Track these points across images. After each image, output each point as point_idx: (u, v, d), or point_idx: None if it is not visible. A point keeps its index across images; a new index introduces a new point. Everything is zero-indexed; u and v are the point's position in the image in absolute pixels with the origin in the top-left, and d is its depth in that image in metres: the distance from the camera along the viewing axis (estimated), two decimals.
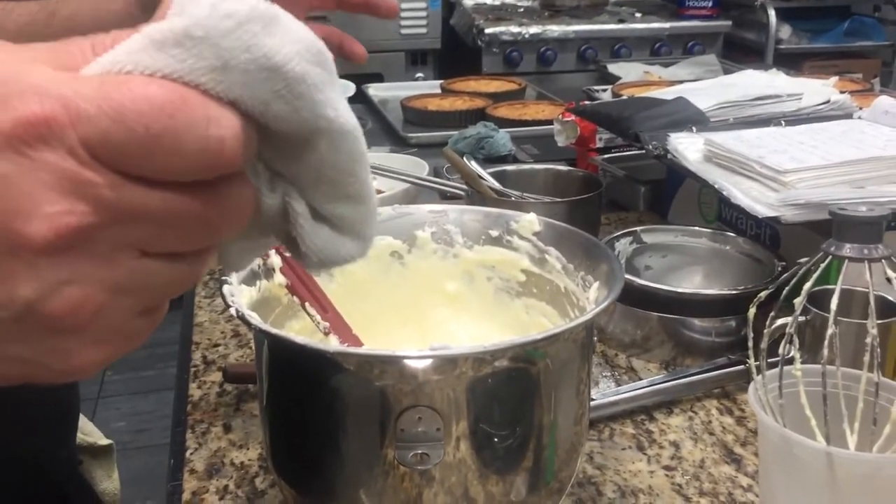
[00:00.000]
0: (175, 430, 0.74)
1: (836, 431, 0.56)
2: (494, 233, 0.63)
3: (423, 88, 1.94)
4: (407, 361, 0.45)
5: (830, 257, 0.56)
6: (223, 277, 0.52)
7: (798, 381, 0.58)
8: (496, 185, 1.03)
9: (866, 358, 0.58)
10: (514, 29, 2.78)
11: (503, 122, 1.58)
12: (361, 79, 1.83)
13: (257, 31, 0.26)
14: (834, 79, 1.11)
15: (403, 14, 2.80)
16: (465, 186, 1.04)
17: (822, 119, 0.98)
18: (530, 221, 0.61)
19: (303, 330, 0.57)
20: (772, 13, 2.82)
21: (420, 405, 0.46)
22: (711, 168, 0.86)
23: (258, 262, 0.55)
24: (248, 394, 0.75)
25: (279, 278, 0.55)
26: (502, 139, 1.46)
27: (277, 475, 0.54)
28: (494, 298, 0.63)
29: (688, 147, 0.91)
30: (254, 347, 0.55)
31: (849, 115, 0.99)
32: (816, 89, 1.05)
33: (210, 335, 0.85)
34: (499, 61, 2.76)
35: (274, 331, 0.48)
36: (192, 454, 0.67)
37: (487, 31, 2.75)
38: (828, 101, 1.02)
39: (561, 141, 1.33)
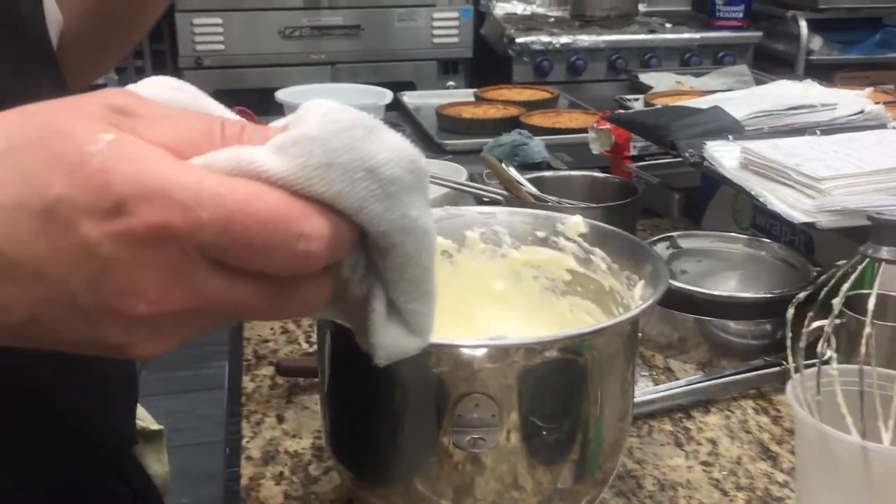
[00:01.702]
0: (230, 421, 0.77)
1: (872, 429, 0.58)
2: (541, 234, 0.65)
3: (456, 97, 1.97)
4: (466, 350, 0.48)
5: (867, 260, 0.58)
6: None
7: (834, 380, 0.60)
8: (534, 190, 1.05)
9: None
10: (545, 38, 2.81)
11: (537, 130, 1.60)
12: (394, 87, 1.86)
13: (359, 136, 0.31)
14: (868, 90, 1.13)
15: (436, 23, 2.85)
16: (503, 192, 1.07)
17: (856, 129, 1.00)
18: (576, 223, 0.64)
19: None
20: (803, 24, 2.83)
21: (477, 392, 0.48)
22: (748, 175, 0.89)
23: None
24: (298, 387, 0.78)
25: None
26: (537, 146, 1.49)
27: (336, 459, 0.57)
28: (540, 297, 0.66)
29: (724, 155, 0.93)
30: (316, 338, 0.58)
31: (883, 126, 1.01)
32: (850, 100, 1.07)
33: (260, 331, 0.89)
34: (529, 70, 2.79)
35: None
36: (247, 442, 0.70)
37: (518, 40, 2.78)
38: (861, 112, 1.04)
39: (595, 149, 1.35)
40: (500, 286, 0.67)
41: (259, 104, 2.56)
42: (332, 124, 0.31)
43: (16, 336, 0.32)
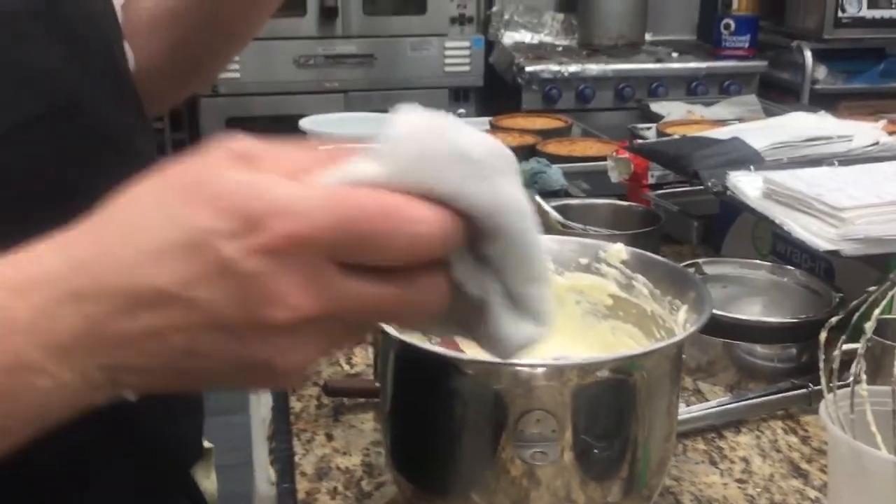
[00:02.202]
0: (278, 439, 0.81)
1: None
2: (584, 261, 0.69)
3: (471, 125, 2.00)
4: (530, 370, 0.52)
5: None
6: None
7: (865, 400, 0.64)
8: (560, 218, 1.09)
9: None
10: (554, 67, 2.86)
11: (553, 158, 1.64)
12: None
13: (445, 127, 0.34)
14: (882, 121, 1.17)
15: (448, 52, 2.90)
16: None
17: (872, 160, 1.04)
18: (618, 251, 0.67)
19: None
20: (808, 54, 2.88)
21: (538, 409, 0.52)
22: (771, 205, 0.92)
23: None
24: (343, 406, 0.81)
25: None
26: (555, 174, 1.53)
27: (396, 471, 0.60)
28: (582, 321, 0.70)
29: (747, 185, 0.97)
30: (380, 355, 0.62)
31: None
32: (865, 131, 1.11)
33: None
34: (538, 98, 2.84)
35: (409, 340, 0.55)
36: (300, 459, 0.74)
37: (528, 69, 2.83)
38: (877, 143, 1.08)
39: (614, 177, 1.39)
40: None
41: (273, 132, 2.61)
42: (417, 123, 0.34)
43: (174, 375, 0.36)
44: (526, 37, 3.29)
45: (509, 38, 3.26)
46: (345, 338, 0.37)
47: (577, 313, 0.70)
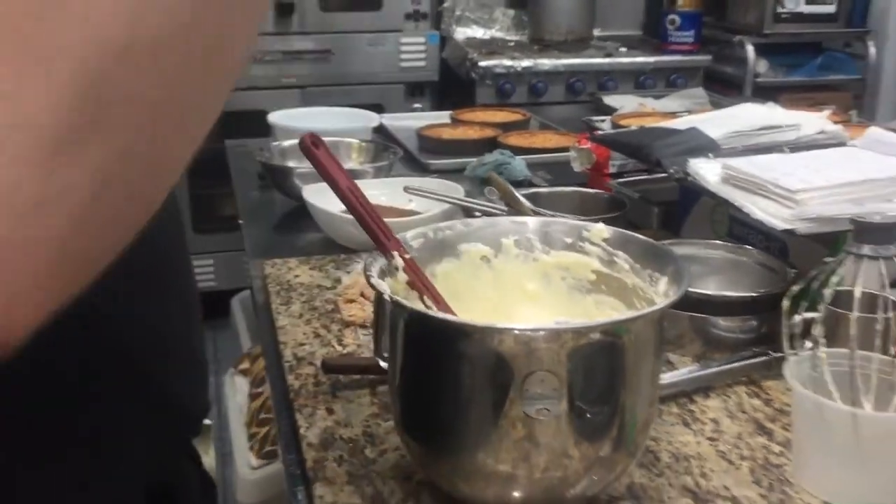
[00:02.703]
0: (280, 415, 0.85)
1: (857, 402, 0.69)
2: (569, 240, 0.75)
3: (431, 119, 2.06)
4: (532, 333, 0.57)
5: (851, 256, 0.69)
6: (368, 273, 0.64)
7: (823, 361, 0.71)
8: (531, 205, 1.15)
9: (878, 342, 0.71)
10: (507, 62, 2.93)
11: (516, 150, 1.70)
12: (363, 109, 1.94)
13: None
14: (827, 111, 1.25)
15: (403, 48, 2.95)
16: (503, 206, 1.17)
17: (819, 147, 1.12)
18: (600, 230, 0.73)
19: None
20: (749, 48, 3.00)
21: (542, 369, 0.57)
22: (730, 189, 1.00)
23: (386, 262, 0.67)
24: (340, 383, 0.86)
25: (402, 276, 0.67)
26: (519, 165, 1.60)
27: (406, 434, 0.66)
28: (568, 295, 0.75)
29: (707, 171, 1.04)
30: (387, 327, 0.67)
31: (842, 144, 1.13)
32: (812, 121, 1.19)
33: (294, 336, 0.96)
34: (492, 93, 2.91)
35: (420, 308, 0.60)
36: (305, 431, 0.78)
37: (481, 64, 2.89)
38: (823, 132, 1.17)
39: (577, 167, 1.46)
40: (533, 287, 0.76)
41: (231, 126, 2.63)
42: None
43: None
44: (478, 32, 3.35)
45: (461, 33, 3.32)
46: None
47: (563, 289, 0.75)
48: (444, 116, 2.07)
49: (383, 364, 0.74)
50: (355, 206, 0.68)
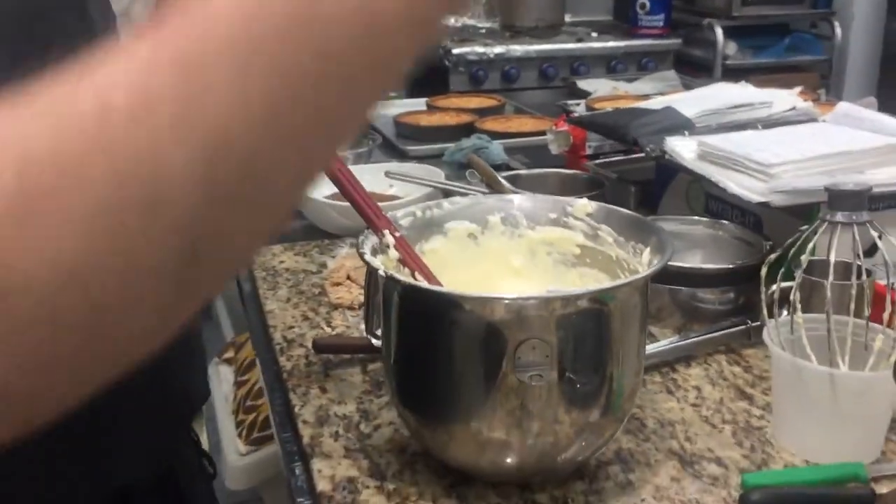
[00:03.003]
0: (273, 396, 0.87)
1: (833, 364, 0.71)
2: (553, 215, 0.77)
3: (406, 106, 2.07)
4: (523, 301, 0.59)
5: (826, 224, 0.72)
6: (361, 250, 0.65)
7: (800, 326, 0.73)
8: (512, 188, 1.17)
9: (852, 306, 0.74)
10: (479, 49, 2.94)
11: (492, 135, 1.72)
12: None
13: None
14: (798, 89, 1.28)
15: None
16: (484, 189, 1.19)
17: (791, 123, 1.15)
18: (584, 205, 0.75)
19: None
20: (718, 31, 3.04)
21: (533, 337, 0.60)
22: (706, 165, 1.02)
23: (377, 240, 0.69)
24: (331, 363, 0.88)
25: (393, 254, 0.69)
26: (496, 150, 1.61)
27: (402, 406, 0.68)
28: (554, 269, 0.78)
29: (683, 148, 1.07)
30: (381, 302, 0.68)
31: (813, 120, 1.16)
32: (782, 98, 1.22)
33: (283, 320, 0.98)
34: (465, 79, 2.92)
35: (412, 282, 0.61)
36: (300, 409, 0.80)
37: (455, 51, 2.91)
38: (794, 108, 1.19)
39: (554, 149, 1.48)
40: (519, 262, 0.78)
41: None
42: None
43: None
44: (449, 20, 3.36)
45: None
46: None
47: (548, 263, 0.78)
48: (419, 103, 2.09)
49: (375, 342, 0.76)
50: (346, 186, 0.69)
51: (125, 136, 0.29)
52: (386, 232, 0.69)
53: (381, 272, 0.62)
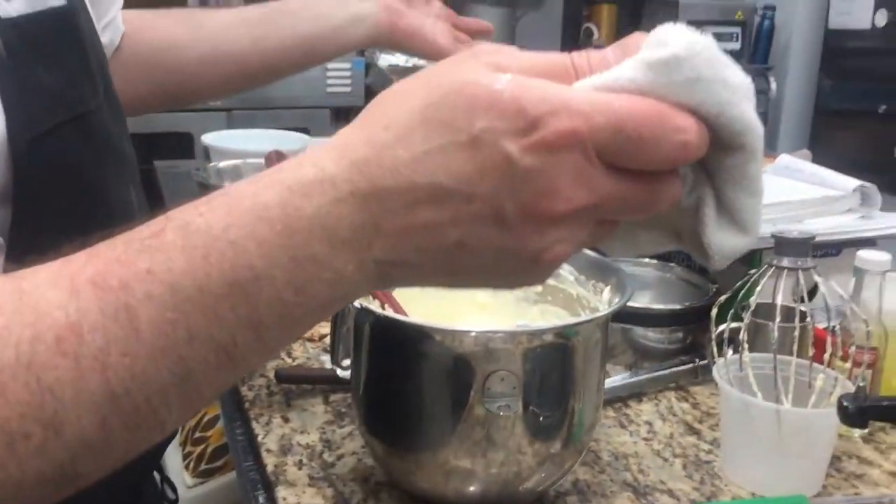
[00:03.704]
0: (232, 424, 0.87)
1: (778, 401, 0.76)
2: None
3: None
4: (496, 335, 0.62)
5: (773, 269, 0.76)
6: None
7: (748, 364, 0.78)
8: None
9: (795, 347, 0.78)
10: None
11: None
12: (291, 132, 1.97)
13: (715, 54, 0.37)
14: None
15: (329, 73, 2.98)
16: None
17: None
18: None
19: None
20: None
21: (502, 369, 0.62)
22: None
23: None
24: (293, 392, 0.89)
25: None
26: None
27: (369, 434, 0.69)
28: (516, 305, 0.80)
29: None
30: (352, 331, 0.70)
31: None
32: None
33: None
34: None
35: (385, 313, 0.64)
36: (263, 438, 0.81)
37: None
38: None
39: None
40: (483, 297, 0.81)
41: (158, 147, 2.61)
42: (696, 45, 0.36)
43: (442, 269, 0.38)
44: (400, 59, 3.41)
45: (384, 60, 3.36)
46: (596, 231, 0.39)
47: (510, 300, 0.81)
48: None
49: (340, 373, 0.78)
50: None
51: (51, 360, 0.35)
52: None
53: (356, 303, 0.64)
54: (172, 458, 1.50)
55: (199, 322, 0.36)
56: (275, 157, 0.71)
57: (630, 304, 0.99)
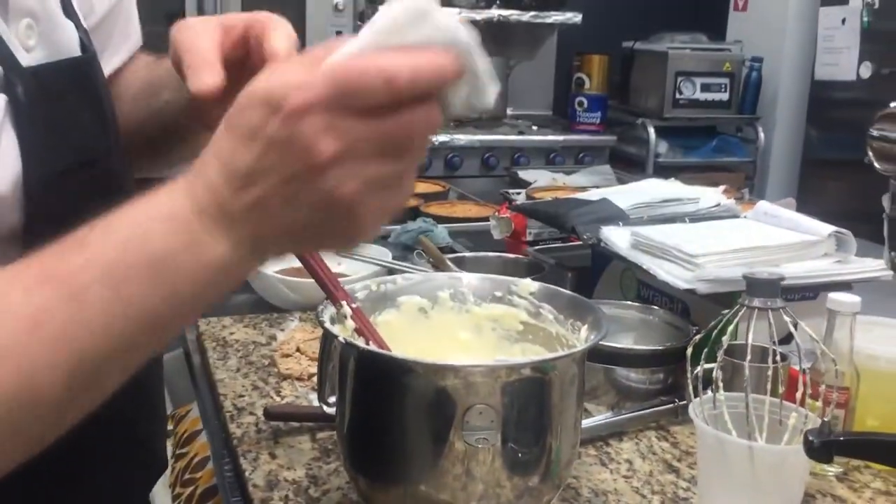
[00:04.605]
0: (220, 461, 0.89)
1: (752, 438, 0.78)
2: (498, 293, 0.83)
3: None
4: (475, 368, 0.64)
5: (745, 309, 0.79)
6: (321, 319, 0.70)
7: (722, 403, 0.80)
8: (457, 269, 1.23)
9: (768, 386, 0.81)
10: None
11: (437, 219, 1.79)
12: None
13: (416, 5, 0.47)
14: (722, 187, 1.38)
15: None
16: (429, 270, 1.24)
17: (715, 218, 1.24)
18: (527, 284, 0.82)
19: None
20: (651, 130, 3.21)
21: (480, 402, 0.64)
22: (638, 254, 1.10)
23: (335, 311, 0.73)
24: (281, 430, 0.91)
25: (349, 323, 0.73)
26: (441, 233, 1.68)
27: (353, 470, 0.71)
28: (498, 344, 0.83)
29: (617, 238, 1.14)
30: (338, 367, 0.72)
31: (735, 216, 1.26)
32: (709, 195, 1.32)
33: (233, 388, 1.01)
34: None
35: (369, 348, 0.66)
36: (250, 474, 0.82)
37: None
38: (718, 205, 1.29)
39: (497, 234, 1.55)
40: (465, 336, 0.83)
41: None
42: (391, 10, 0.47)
43: (289, 232, 0.49)
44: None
45: None
46: (384, 171, 0.47)
47: (492, 338, 0.83)
48: None
49: (327, 410, 0.80)
50: (308, 259, 0.74)
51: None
52: (343, 303, 0.74)
53: (340, 339, 0.67)
54: (162, 500, 1.50)
55: (132, 295, 0.47)
56: None
57: (612, 344, 1.02)
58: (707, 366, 0.82)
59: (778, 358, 0.82)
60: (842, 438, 0.68)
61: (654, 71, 3.26)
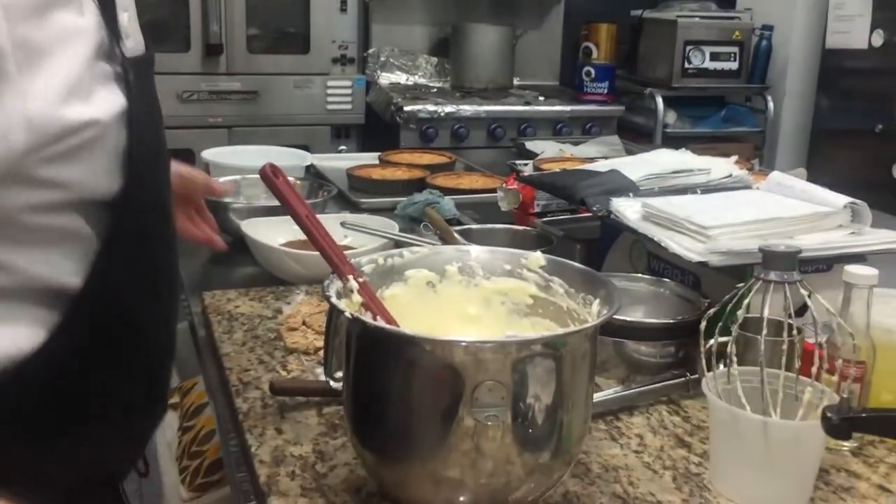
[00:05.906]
0: (226, 436, 0.88)
1: (766, 413, 0.76)
2: (508, 267, 0.81)
3: (358, 160, 2.11)
4: (486, 345, 0.63)
5: (760, 282, 0.77)
6: (327, 293, 0.69)
7: (736, 377, 0.78)
8: (465, 241, 1.22)
9: (784, 360, 0.79)
10: (431, 107, 3.02)
11: (444, 191, 1.77)
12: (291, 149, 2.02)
13: None
14: (734, 157, 1.36)
15: (330, 91, 3.01)
16: (437, 242, 1.23)
17: (727, 189, 1.22)
18: (537, 258, 0.80)
19: None
20: (659, 101, 3.17)
21: (490, 379, 0.63)
22: (649, 225, 1.08)
23: (341, 285, 0.72)
24: (286, 405, 0.90)
25: (356, 298, 0.72)
26: (447, 205, 1.66)
27: (360, 445, 0.70)
28: (507, 318, 0.81)
29: (628, 209, 1.13)
30: (344, 342, 0.71)
31: (748, 187, 1.24)
32: (720, 165, 1.30)
33: (238, 362, 0.99)
34: (416, 136, 2.99)
35: (376, 323, 0.65)
36: (256, 450, 0.81)
37: (406, 108, 2.98)
38: (730, 175, 1.27)
39: (504, 206, 1.53)
40: (474, 310, 0.82)
41: None
42: None
43: None
44: (401, 78, 3.44)
45: (386, 78, 3.40)
46: None
47: (502, 312, 0.81)
48: (371, 158, 2.13)
49: (333, 385, 0.79)
50: (314, 233, 0.73)
51: None
52: (350, 277, 0.72)
53: (347, 314, 0.65)
54: (169, 472, 1.50)
55: None
56: (270, 172, 0.72)
57: (623, 318, 1.00)
58: (721, 339, 0.81)
59: (794, 332, 0.81)
60: (863, 415, 0.66)
61: (663, 40, 3.22)
